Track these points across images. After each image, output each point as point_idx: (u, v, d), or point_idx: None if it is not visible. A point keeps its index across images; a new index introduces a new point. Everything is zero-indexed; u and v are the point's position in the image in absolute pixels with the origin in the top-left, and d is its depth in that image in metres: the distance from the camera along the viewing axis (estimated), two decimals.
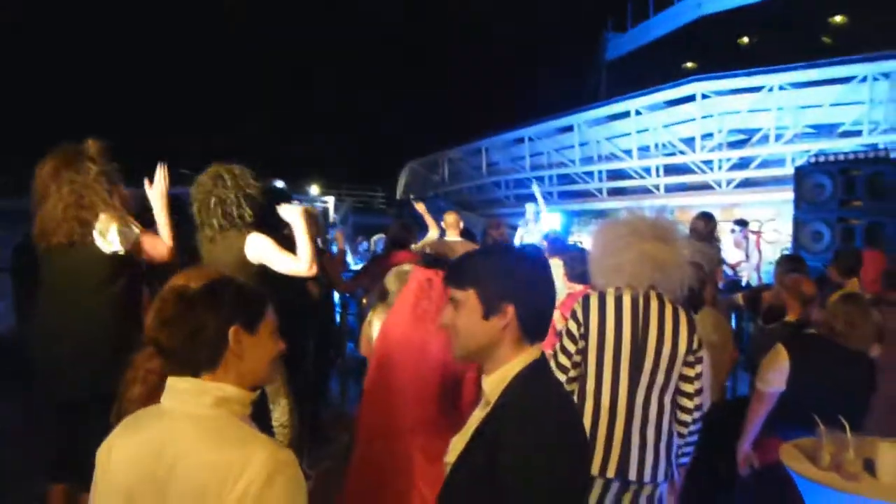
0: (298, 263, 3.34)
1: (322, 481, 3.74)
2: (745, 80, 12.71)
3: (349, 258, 9.74)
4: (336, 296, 6.47)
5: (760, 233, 9.52)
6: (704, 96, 13.24)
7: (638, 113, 14.51)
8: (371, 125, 29.73)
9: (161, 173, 3.36)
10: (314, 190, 19.53)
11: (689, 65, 16.97)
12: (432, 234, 6.31)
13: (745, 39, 16.86)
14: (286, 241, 3.46)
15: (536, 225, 9.51)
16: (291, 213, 3.46)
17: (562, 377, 2.73)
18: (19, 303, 5.63)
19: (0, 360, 4.92)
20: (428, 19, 30.07)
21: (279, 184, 4.29)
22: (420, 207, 6.76)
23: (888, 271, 4.78)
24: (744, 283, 8.16)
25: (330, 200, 15.13)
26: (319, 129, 28.79)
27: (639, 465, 2.66)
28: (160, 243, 3.24)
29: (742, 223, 8.89)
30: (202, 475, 1.33)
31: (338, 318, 6.68)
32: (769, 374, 3.24)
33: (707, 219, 6.16)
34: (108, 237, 3.02)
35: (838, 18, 15.68)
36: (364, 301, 6.04)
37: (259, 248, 3.35)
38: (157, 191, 3.34)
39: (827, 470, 2.68)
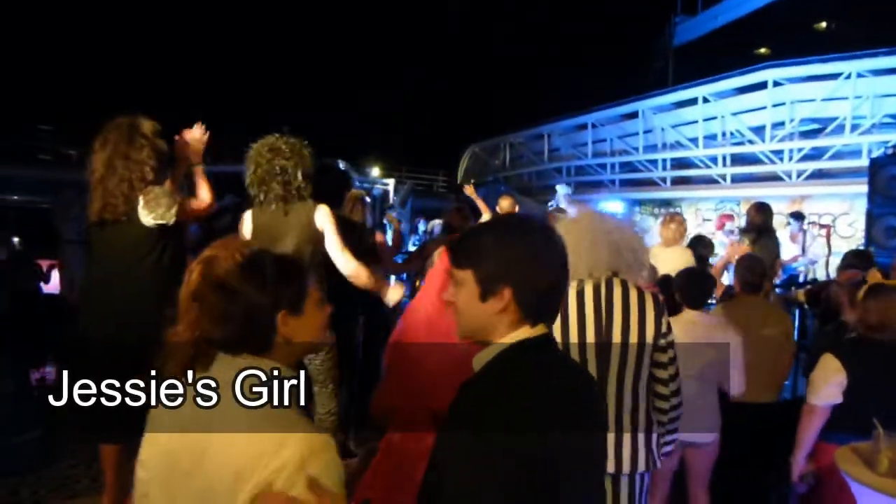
0: (347, 265, 3.42)
1: (367, 460, 3.79)
2: (821, 66, 12.14)
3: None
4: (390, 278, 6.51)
5: (830, 227, 9.16)
6: (776, 83, 12.72)
7: (706, 100, 14.07)
8: (435, 107, 29.75)
9: (199, 129, 3.49)
10: (375, 171, 19.66)
11: (762, 50, 16.36)
12: (485, 218, 6.29)
13: (822, 24, 16.16)
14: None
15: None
16: (322, 217, 3.50)
17: None
18: None
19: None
20: (491, 3, 29.83)
21: (341, 164, 4.34)
22: (469, 191, 6.68)
23: None
24: (801, 279, 7.89)
25: (391, 182, 15.22)
26: (383, 110, 28.97)
27: (616, 457, 2.62)
28: (195, 202, 3.39)
29: (798, 216, 8.58)
30: (235, 455, 1.31)
31: None
32: (823, 387, 3.07)
33: (762, 210, 5.96)
34: (154, 212, 3.13)
35: None
36: (417, 284, 6.07)
37: (324, 222, 3.45)
38: (192, 149, 3.48)
39: (884, 476, 2.56)
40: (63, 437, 4.38)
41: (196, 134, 3.50)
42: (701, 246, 5.93)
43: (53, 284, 7.17)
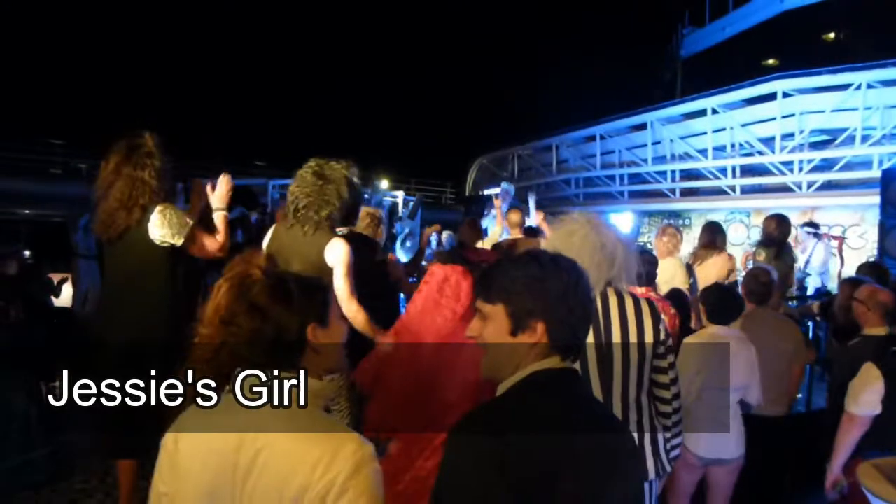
0: (348, 307, 3.31)
1: None
2: (831, 77, 12.09)
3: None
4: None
5: (842, 238, 9.08)
6: (786, 94, 12.68)
7: (714, 111, 14.05)
8: (442, 119, 29.82)
9: (224, 180, 3.57)
10: (384, 184, 19.65)
11: (770, 62, 16.34)
12: (497, 230, 6.32)
13: (831, 35, 16.12)
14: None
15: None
16: (334, 254, 3.40)
17: None
18: None
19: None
20: (499, 15, 29.94)
21: (355, 178, 4.34)
22: (496, 203, 6.83)
23: None
24: (810, 292, 7.83)
25: (399, 195, 15.21)
26: (390, 122, 29.07)
27: None
28: (211, 240, 3.42)
29: (812, 226, 8.51)
30: (288, 465, 1.34)
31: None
32: (862, 395, 3.06)
33: (780, 220, 5.94)
34: (162, 230, 3.20)
35: None
36: None
37: (335, 260, 3.35)
38: (217, 195, 3.56)
39: None
40: (76, 451, 4.39)
41: (221, 183, 3.58)
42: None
43: (65, 298, 7.20)
